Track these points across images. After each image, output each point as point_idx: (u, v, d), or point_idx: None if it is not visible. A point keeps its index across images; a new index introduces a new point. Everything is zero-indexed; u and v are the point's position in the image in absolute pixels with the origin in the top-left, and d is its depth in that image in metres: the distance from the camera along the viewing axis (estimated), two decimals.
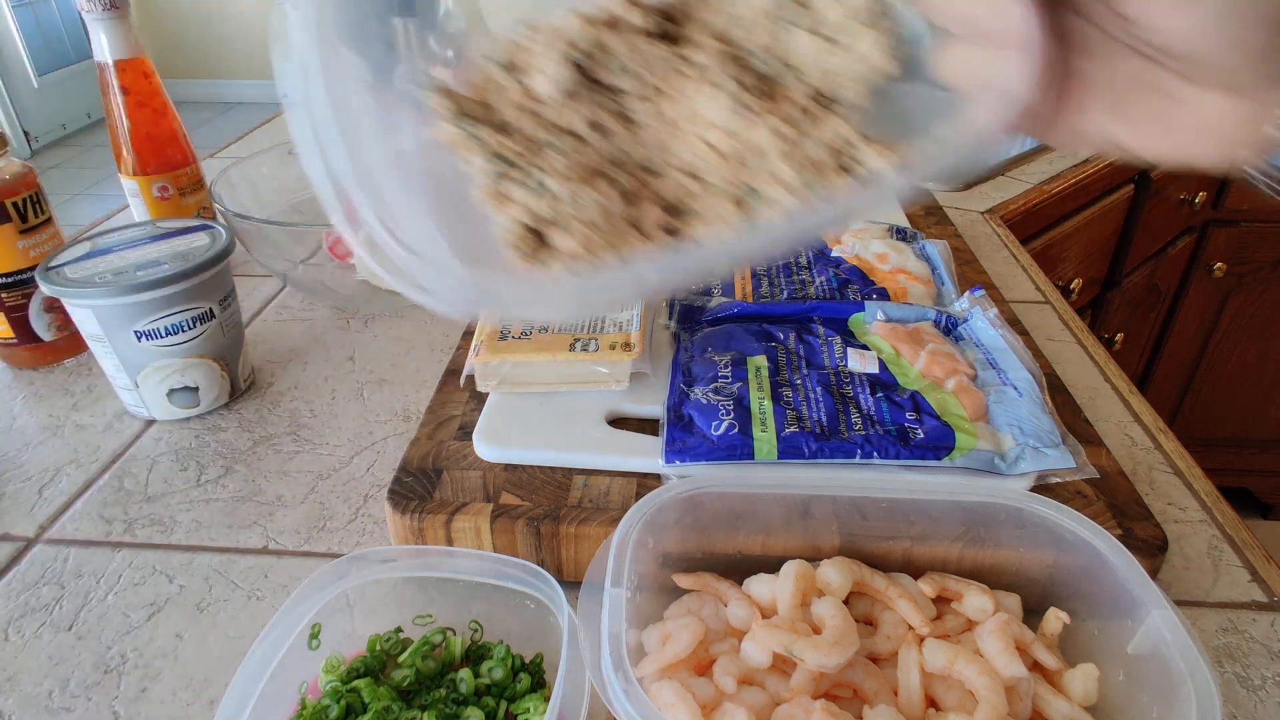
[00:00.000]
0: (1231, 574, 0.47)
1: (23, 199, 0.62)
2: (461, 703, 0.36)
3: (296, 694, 0.37)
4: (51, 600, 0.46)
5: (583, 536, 0.44)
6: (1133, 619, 0.35)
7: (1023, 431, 0.47)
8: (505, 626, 0.40)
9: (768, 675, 0.36)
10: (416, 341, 0.70)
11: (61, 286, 0.55)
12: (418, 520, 0.45)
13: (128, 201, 0.81)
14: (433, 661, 0.38)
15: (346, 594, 0.39)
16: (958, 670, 0.35)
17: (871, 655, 0.38)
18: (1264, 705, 0.40)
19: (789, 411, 0.48)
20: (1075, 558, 0.39)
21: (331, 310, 0.76)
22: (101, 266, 0.57)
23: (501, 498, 0.46)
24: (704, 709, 0.34)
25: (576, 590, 0.36)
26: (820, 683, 0.36)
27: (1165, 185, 1.27)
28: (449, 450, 0.50)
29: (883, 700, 0.35)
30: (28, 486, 0.55)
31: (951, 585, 0.40)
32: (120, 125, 0.74)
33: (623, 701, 0.30)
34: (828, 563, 0.40)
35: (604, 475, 0.48)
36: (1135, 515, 0.45)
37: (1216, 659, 0.42)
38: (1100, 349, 0.68)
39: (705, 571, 0.42)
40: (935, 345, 0.54)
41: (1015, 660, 0.35)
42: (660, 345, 0.58)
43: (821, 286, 0.63)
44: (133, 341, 0.55)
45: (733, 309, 0.60)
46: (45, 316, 0.66)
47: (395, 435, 0.59)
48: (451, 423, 0.52)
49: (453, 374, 0.57)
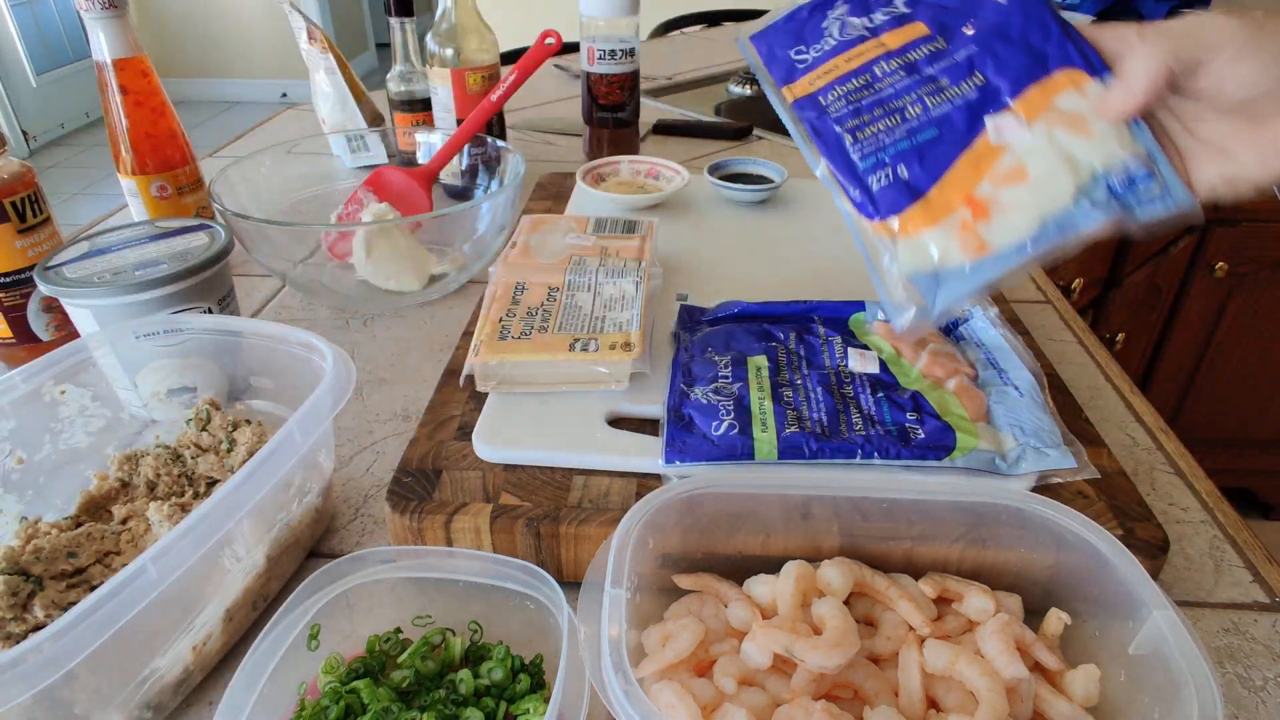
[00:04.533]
0: (1233, 574, 0.47)
1: (21, 198, 0.61)
2: (461, 704, 0.36)
3: (296, 694, 0.37)
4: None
5: (582, 537, 0.44)
6: (1134, 619, 0.35)
7: (1024, 431, 0.47)
8: (505, 627, 0.40)
9: (768, 676, 0.36)
10: (416, 341, 0.70)
11: (60, 286, 0.54)
12: (417, 521, 0.45)
13: (126, 201, 0.81)
14: (432, 662, 0.38)
15: (346, 594, 0.39)
16: (958, 671, 0.35)
17: (872, 656, 0.38)
18: (1265, 706, 0.40)
19: (789, 412, 0.48)
20: (1076, 558, 0.38)
21: (330, 310, 0.75)
22: (100, 266, 0.57)
23: (501, 498, 0.46)
24: (704, 710, 0.33)
25: (576, 591, 0.36)
26: (821, 683, 0.36)
27: None
28: (448, 450, 0.50)
29: (883, 701, 0.35)
30: None
31: (952, 586, 0.40)
32: (119, 124, 0.74)
33: (623, 702, 0.30)
34: (828, 563, 0.40)
35: (604, 475, 0.48)
36: (1136, 515, 0.45)
37: (1218, 659, 0.42)
38: (1101, 349, 0.68)
39: (705, 572, 0.42)
40: (936, 345, 0.54)
41: (1016, 661, 0.35)
42: (660, 345, 0.58)
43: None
44: (131, 341, 0.55)
45: (733, 309, 0.60)
46: (44, 316, 0.65)
47: (394, 435, 0.59)
48: (451, 423, 0.52)
49: (452, 374, 0.57)
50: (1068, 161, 0.41)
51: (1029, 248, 0.41)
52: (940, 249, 0.42)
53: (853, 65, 0.46)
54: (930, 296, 0.42)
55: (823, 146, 0.45)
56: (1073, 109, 0.42)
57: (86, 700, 0.34)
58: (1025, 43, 0.44)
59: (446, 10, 0.91)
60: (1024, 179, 0.42)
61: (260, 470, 0.38)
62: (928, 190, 0.43)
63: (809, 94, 0.46)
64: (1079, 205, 0.41)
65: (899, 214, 0.43)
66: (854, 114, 0.45)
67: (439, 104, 0.95)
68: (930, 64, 0.45)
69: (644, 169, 0.91)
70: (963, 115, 0.43)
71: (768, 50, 0.48)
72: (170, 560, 0.34)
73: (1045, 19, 0.44)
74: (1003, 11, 0.45)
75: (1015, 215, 0.42)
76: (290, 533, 0.45)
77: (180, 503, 0.44)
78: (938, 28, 0.46)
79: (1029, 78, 0.43)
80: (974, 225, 0.42)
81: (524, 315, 0.55)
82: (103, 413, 0.51)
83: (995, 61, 0.44)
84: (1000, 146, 0.43)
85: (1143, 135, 0.41)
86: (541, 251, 0.64)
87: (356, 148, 0.91)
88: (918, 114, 0.44)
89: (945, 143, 0.43)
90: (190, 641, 0.39)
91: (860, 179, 0.44)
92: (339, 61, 1.01)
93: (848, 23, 0.47)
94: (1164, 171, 0.41)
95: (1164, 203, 0.41)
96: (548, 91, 1.40)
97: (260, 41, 4.55)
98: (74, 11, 3.79)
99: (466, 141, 0.82)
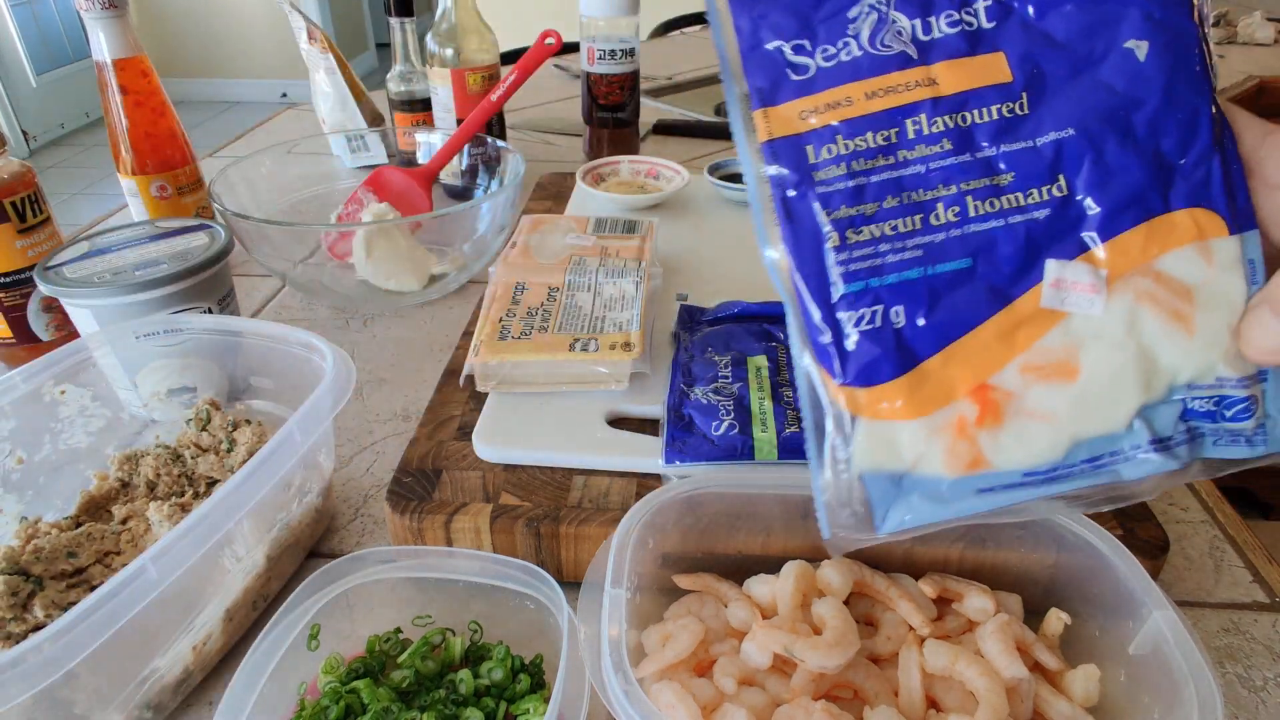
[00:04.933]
0: (1233, 574, 0.47)
1: (21, 198, 0.61)
2: (461, 704, 0.36)
3: (296, 695, 0.37)
4: None
5: (582, 537, 0.44)
6: (1134, 619, 0.35)
7: None
8: (505, 627, 0.40)
9: (768, 676, 0.36)
10: (415, 341, 0.70)
11: (60, 286, 0.54)
12: (417, 521, 0.45)
13: (126, 201, 0.81)
14: (432, 662, 0.38)
15: (346, 594, 0.39)
16: (958, 671, 0.35)
17: (872, 656, 0.38)
18: (1266, 706, 0.40)
19: (789, 411, 0.48)
20: (1076, 558, 0.38)
21: (330, 310, 0.75)
22: (100, 266, 0.57)
23: (501, 498, 0.46)
24: (704, 710, 0.33)
25: (576, 591, 0.36)
26: (821, 683, 0.36)
27: None
28: (448, 450, 0.50)
29: (883, 701, 0.35)
30: None
31: (952, 586, 0.40)
32: (119, 124, 0.74)
33: (623, 703, 0.30)
34: (828, 563, 0.40)
35: (604, 475, 0.48)
36: (1136, 515, 0.45)
37: (1218, 660, 0.42)
38: None
39: (705, 572, 0.41)
40: None
41: (1016, 661, 0.35)
42: (660, 345, 0.58)
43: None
44: (131, 341, 0.55)
45: (733, 309, 0.60)
46: (43, 316, 0.65)
47: (394, 435, 0.59)
48: (451, 423, 0.52)
49: (452, 374, 0.57)
50: (1143, 363, 0.27)
51: (1041, 482, 0.28)
52: (916, 450, 0.28)
53: (877, 106, 0.28)
54: (881, 507, 0.29)
55: (790, 235, 0.29)
56: (1182, 279, 0.27)
57: (86, 700, 0.34)
58: (1153, 145, 0.27)
59: (446, 10, 0.91)
60: (1071, 376, 0.28)
61: (260, 470, 0.38)
62: (927, 359, 0.28)
63: (796, 134, 0.29)
64: (1132, 434, 0.28)
65: (874, 387, 0.28)
66: (854, 196, 0.28)
67: (439, 104, 0.95)
68: (995, 137, 0.28)
69: (644, 169, 0.91)
70: (1016, 245, 0.28)
71: (750, 28, 0.29)
72: (170, 560, 0.34)
73: (1197, 111, 0.27)
74: (1134, 79, 0.27)
75: (1038, 429, 0.28)
76: (290, 533, 0.45)
77: (180, 503, 0.44)
78: (1025, 72, 0.28)
79: (1138, 209, 0.27)
80: (975, 431, 0.28)
81: (524, 315, 0.55)
82: (103, 413, 0.51)
83: (1096, 165, 0.28)
84: (1054, 314, 0.28)
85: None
86: (541, 251, 0.64)
87: (356, 148, 0.91)
88: (949, 222, 0.28)
89: (976, 286, 0.28)
90: (190, 641, 0.39)
91: (830, 309, 0.29)
92: (339, 61, 1.01)
93: (890, 21, 0.28)
94: (1274, 403, 0.28)
95: (1251, 446, 0.28)
96: (548, 91, 1.40)
97: (260, 41, 4.55)
98: (74, 11, 3.79)
99: (466, 141, 0.82)
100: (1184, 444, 0.28)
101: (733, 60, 0.29)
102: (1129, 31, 0.27)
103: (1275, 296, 0.26)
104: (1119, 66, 0.27)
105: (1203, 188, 0.27)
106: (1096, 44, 0.28)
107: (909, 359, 0.28)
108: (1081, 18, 0.28)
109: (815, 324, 0.29)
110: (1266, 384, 0.28)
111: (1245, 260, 0.27)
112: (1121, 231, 0.27)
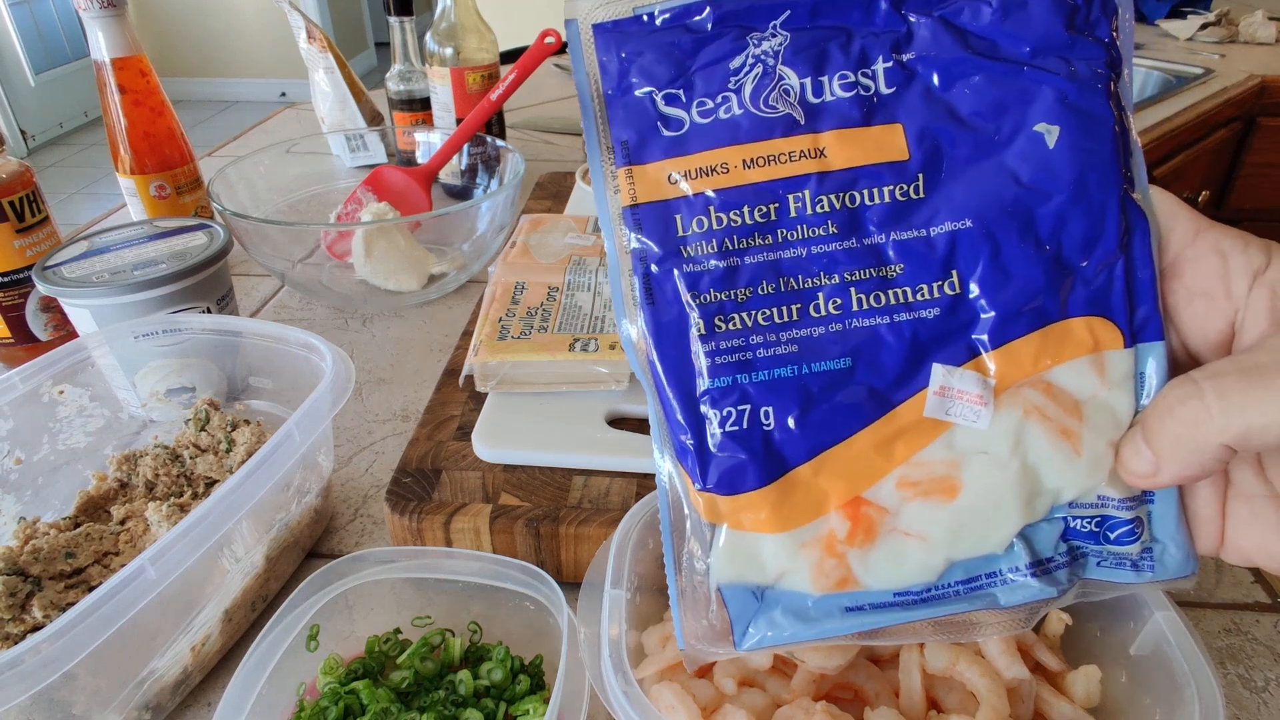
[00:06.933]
0: (1234, 575, 0.47)
1: (19, 198, 0.61)
2: (461, 704, 0.36)
3: (295, 695, 0.37)
4: None
5: (582, 537, 0.44)
6: (1135, 620, 0.35)
7: None
8: (504, 628, 0.40)
9: (768, 677, 0.36)
10: (415, 341, 0.70)
11: (58, 286, 0.54)
12: (416, 521, 0.45)
13: (125, 200, 0.81)
14: (432, 663, 0.38)
15: (345, 595, 0.39)
16: (959, 672, 0.35)
17: (872, 656, 0.38)
18: (1267, 707, 0.40)
19: None
20: None
21: (329, 309, 0.75)
22: (98, 266, 0.57)
23: (501, 498, 0.46)
24: (704, 710, 0.33)
25: (576, 591, 0.36)
26: (821, 684, 0.36)
27: (1169, 184, 1.27)
28: (448, 451, 0.49)
29: (884, 702, 0.35)
30: None
31: None
32: (117, 124, 0.74)
33: (622, 703, 0.30)
34: None
35: (604, 476, 0.48)
36: None
37: (1219, 660, 0.42)
38: None
39: None
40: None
41: (1017, 661, 0.35)
42: None
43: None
44: (130, 341, 0.55)
45: None
46: (42, 316, 0.65)
47: (394, 435, 0.59)
48: (450, 423, 0.52)
49: (451, 374, 0.57)
50: (1027, 482, 0.25)
51: (914, 604, 0.26)
52: (781, 565, 0.26)
53: (756, 177, 0.25)
54: (741, 621, 0.27)
55: (651, 318, 0.26)
56: (1074, 393, 0.25)
57: (85, 701, 0.34)
58: (1055, 245, 0.25)
59: (446, 9, 0.90)
60: (951, 494, 0.25)
61: (259, 470, 0.38)
62: (797, 467, 0.25)
63: (663, 200, 0.26)
64: (1011, 555, 0.26)
65: (737, 495, 0.26)
66: (725, 279, 0.25)
67: (438, 103, 0.94)
68: (886, 223, 0.25)
69: None
70: (901, 346, 0.25)
71: (618, 69, 0.26)
72: (169, 561, 0.34)
73: (1105, 209, 0.25)
74: (1041, 168, 0.25)
75: (913, 548, 0.26)
76: (289, 533, 0.45)
77: (179, 503, 0.44)
78: (924, 150, 0.25)
79: (1033, 315, 0.25)
80: (844, 548, 0.26)
81: (524, 315, 0.55)
82: (101, 413, 0.51)
83: (993, 263, 0.25)
84: (937, 424, 0.25)
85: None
86: (541, 251, 0.64)
87: (356, 147, 0.91)
88: (830, 315, 0.25)
89: (856, 389, 0.25)
90: (189, 642, 0.39)
91: (693, 405, 0.26)
92: (338, 60, 1.01)
93: (778, 78, 0.25)
94: (1161, 528, 0.26)
95: (1137, 572, 0.26)
96: (547, 91, 1.40)
97: (259, 40, 4.55)
98: (72, 10, 3.79)
99: (466, 141, 0.81)
100: (1065, 566, 0.26)
101: (596, 104, 0.26)
102: (1040, 114, 0.25)
103: (1149, 419, 0.24)
104: (1026, 152, 0.25)
105: (1103, 295, 0.25)
106: (1004, 124, 0.25)
107: (777, 466, 0.25)
108: (991, 92, 0.25)
109: (676, 421, 0.26)
110: (1153, 506, 0.26)
111: (1136, 375, 0.25)
112: (1014, 338, 0.25)
